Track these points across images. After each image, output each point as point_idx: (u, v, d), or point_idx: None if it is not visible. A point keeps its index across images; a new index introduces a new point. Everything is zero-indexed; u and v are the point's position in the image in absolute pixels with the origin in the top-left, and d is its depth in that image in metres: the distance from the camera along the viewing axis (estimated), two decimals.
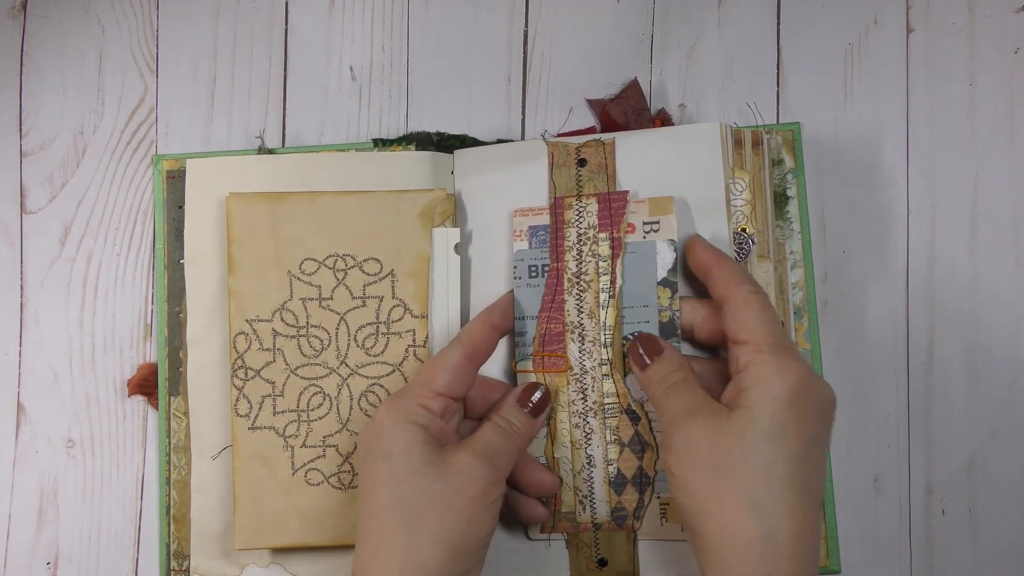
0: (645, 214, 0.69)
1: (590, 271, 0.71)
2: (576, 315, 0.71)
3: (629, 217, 0.70)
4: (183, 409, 0.76)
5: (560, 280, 0.71)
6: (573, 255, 0.71)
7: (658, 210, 0.69)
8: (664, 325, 0.69)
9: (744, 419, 0.59)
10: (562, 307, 0.71)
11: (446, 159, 0.77)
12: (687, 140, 0.72)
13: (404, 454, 0.62)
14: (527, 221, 0.72)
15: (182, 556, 0.75)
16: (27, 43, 0.82)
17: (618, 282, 0.70)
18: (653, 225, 0.69)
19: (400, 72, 0.81)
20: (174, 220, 0.77)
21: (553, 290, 0.71)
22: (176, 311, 0.77)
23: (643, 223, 0.69)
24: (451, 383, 0.65)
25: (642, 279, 0.69)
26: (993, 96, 0.77)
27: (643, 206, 0.70)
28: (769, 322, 0.62)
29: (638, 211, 0.70)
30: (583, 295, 0.71)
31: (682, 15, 0.80)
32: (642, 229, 0.69)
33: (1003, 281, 0.76)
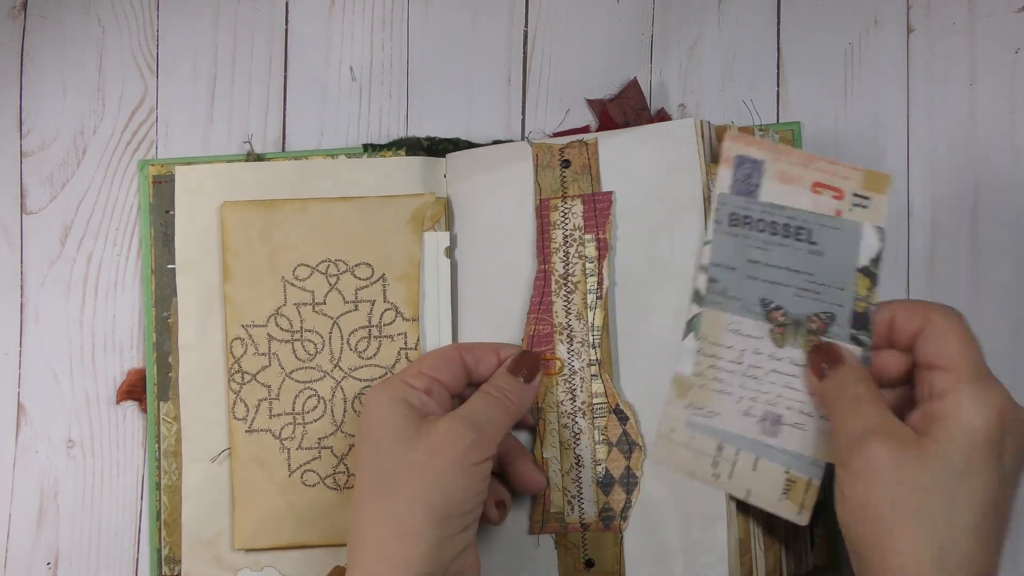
0: (859, 184, 0.63)
1: (577, 272, 0.70)
2: (564, 316, 0.70)
3: (838, 181, 0.63)
4: (173, 414, 0.75)
5: (548, 282, 0.71)
6: (560, 257, 0.71)
7: (873, 185, 0.63)
8: (858, 316, 0.63)
9: (935, 452, 0.54)
10: (550, 309, 0.70)
11: (437, 163, 0.76)
12: (665, 138, 0.71)
13: (383, 428, 0.61)
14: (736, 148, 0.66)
15: (174, 561, 0.74)
16: (27, 43, 0.81)
17: (605, 283, 0.69)
18: (863, 200, 0.63)
19: (400, 72, 0.80)
20: (161, 225, 0.76)
21: (541, 292, 0.71)
22: (164, 316, 0.76)
23: (853, 193, 0.63)
24: (437, 366, 0.64)
25: (840, 259, 0.63)
26: (993, 96, 0.76)
27: (858, 174, 0.63)
28: (971, 347, 0.57)
29: (851, 177, 0.63)
30: (571, 296, 0.70)
31: (682, 15, 0.78)
32: (850, 199, 0.63)
33: (1003, 281, 0.74)
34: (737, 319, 0.65)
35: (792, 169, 0.64)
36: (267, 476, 0.72)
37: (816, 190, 0.63)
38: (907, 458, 0.54)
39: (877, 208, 0.63)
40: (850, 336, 0.63)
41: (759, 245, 0.64)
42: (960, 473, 0.53)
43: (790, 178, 0.64)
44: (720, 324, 0.65)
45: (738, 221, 0.65)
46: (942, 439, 0.54)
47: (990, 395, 0.55)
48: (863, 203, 0.63)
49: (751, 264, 0.64)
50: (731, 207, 0.65)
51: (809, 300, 0.63)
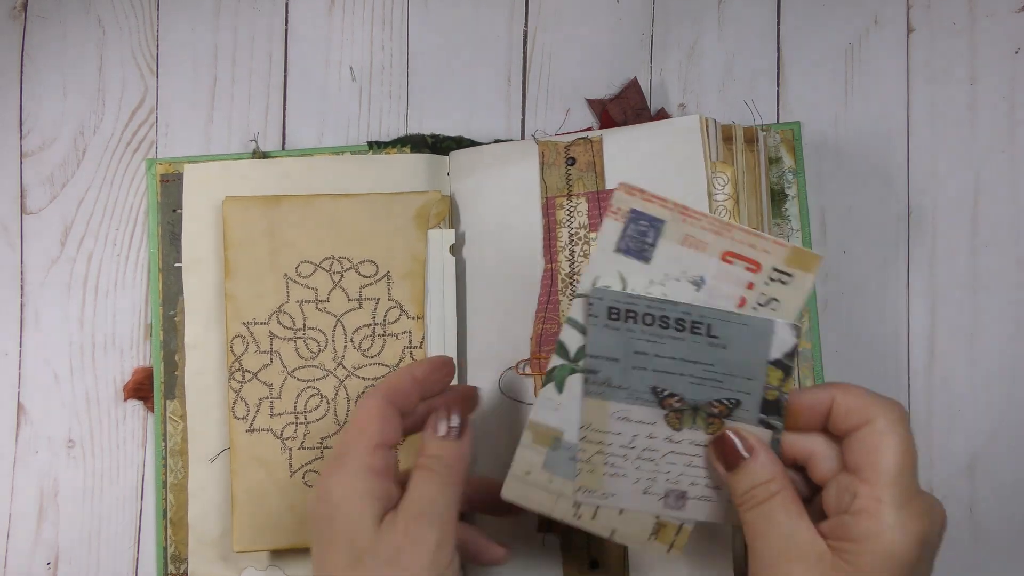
0: (781, 259, 0.55)
1: (581, 271, 0.70)
2: None
3: (757, 254, 0.55)
4: (179, 413, 0.75)
5: (554, 281, 0.70)
6: (566, 255, 0.71)
7: (799, 263, 0.55)
8: (768, 403, 0.56)
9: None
10: (557, 308, 0.70)
11: (441, 161, 0.76)
12: (669, 135, 0.71)
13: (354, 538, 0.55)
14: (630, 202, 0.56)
15: (180, 560, 0.74)
16: (28, 44, 0.81)
17: None
18: (784, 276, 0.55)
19: (400, 72, 0.79)
20: (168, 224, 0.76)
21: (548, 291, 0.70)
22: (171, 314, 0.76)
23: (773, 268, 0.55)
24: (383, 431, 0.57)
25: (747, 354, 0.56)
26: (993, 96, 0.76)
27: (782, 250, 0.55)
28: (903, 465, 0.52)
29: (773, 252, 0.55)
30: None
31: (682, 15, 0.78)
32: (768, 274, 0.55)
33: (1003, 281, 0.74)
34: (624, 407, 0.57)
35: (701, 234, 0.55)
36: (268, 476, 0.72)
37: (727, 259, 0.55)
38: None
39: (799, 286, 0.55)
40: (758, 420, 0.57)
41: (646, 338, 0.56)
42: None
43: (696, 243, 0.55)
44: (605, 413, 0.58)
45: (619, 315, 0.56)
46: (862, 566, 0.51)
47: (913, 523, 0.52)
48: (783, 279, 0.55)
49: (637, 355, 0.56)
50: (609, 302, 0.56)
51: (710, 388, 0.56)
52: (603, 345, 0.56)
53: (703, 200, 0.69)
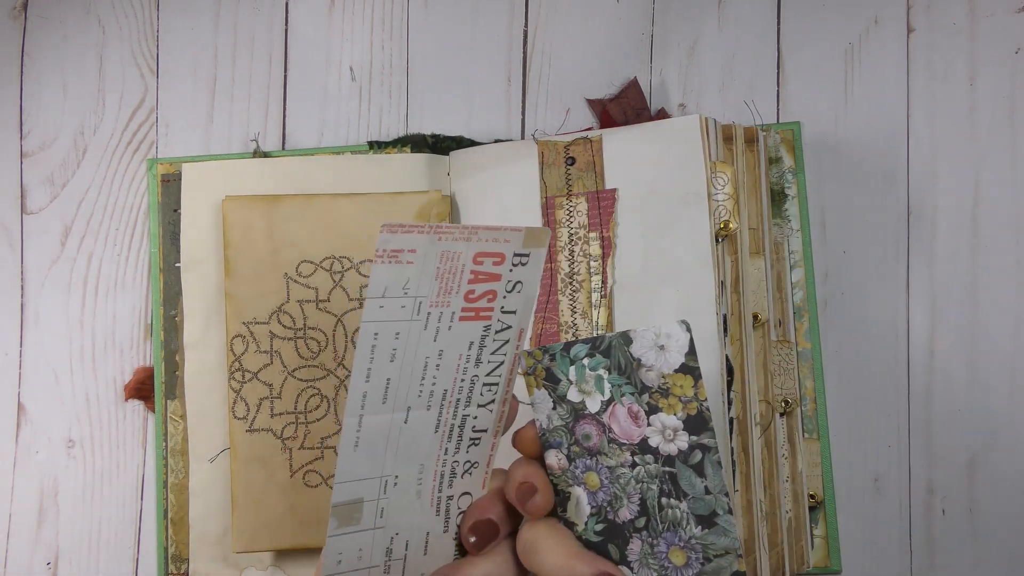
0: (519, 244, 0.55)
1: (582, 271, 0.70)
2: (570, 315, 0.70)
3: (501, 246, 0.55)
4: (180, 412, 0.75)
5: (554, 280, 0.70)
6: (565, 255, 0.71)
7: (532, 242, 0.56)
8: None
9: None
10: (556, 307, 0.70)
11: (442, 160, 0.76)
12: (669, 134, 0.71)
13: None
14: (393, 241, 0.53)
15: (180, 559, 0.74)
16: (28, 43, 0.81)
17: (609, 281, 0.69)
18: (523, 258, 0.55)
19: (400, 72, 0.79)
20: (169, 224, 0.76)
21: (547, 290, 0.70)
22: (172, 315, 0.76)
23: (514, 254, 0.55)
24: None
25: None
26: (993, 96, 0.76)
27: (518, 235, 0.55)
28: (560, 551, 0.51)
29: (511, 239, 0.55)
30: (576, 295, 0.70)
31: (682, 15, 0.78)
32: (511, 260, 0.55)
33: (1003, 281, 0.74)
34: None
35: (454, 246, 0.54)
36: (268, 476, 0.72)
37: (478, 260, 0.54)
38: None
39: (535, 262, 0.55)
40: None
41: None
42: None
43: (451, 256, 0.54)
44: None
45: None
46: None
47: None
48: (523, 261, 0.55)
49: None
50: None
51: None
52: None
53: (703, 199, 0.69)
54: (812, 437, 0.73)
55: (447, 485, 0.56)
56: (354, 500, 0.56)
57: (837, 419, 0.74)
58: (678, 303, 0.68)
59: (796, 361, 0.73)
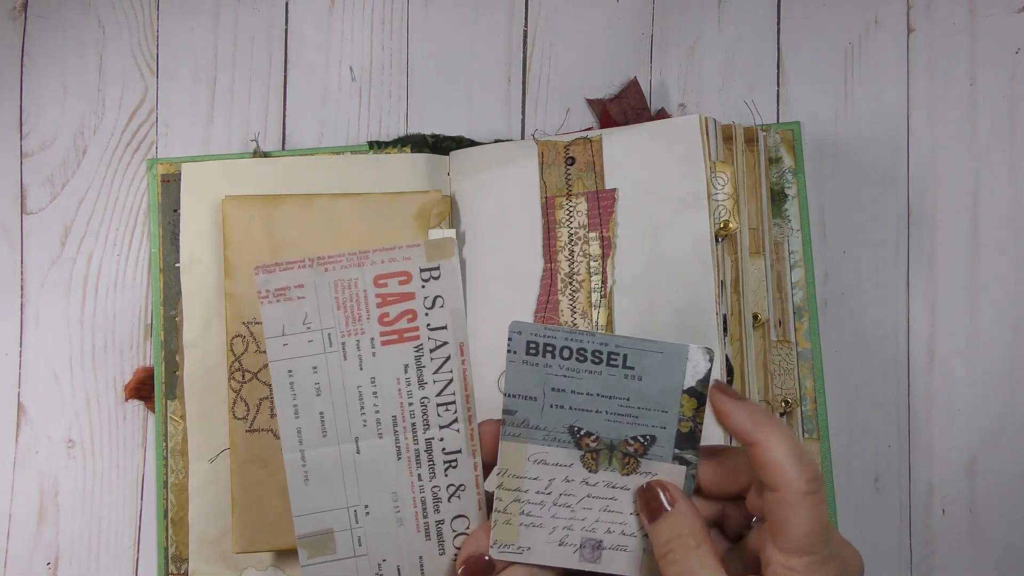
0: (422, 259, 0.55)
1: (582, 271, 0.70)
2: (570, 315, 0.70)
3: (402, 264, 0.55)
4: (180, 413, 0.74)
5: (554, 280, 0.70)
6: (565, 255, 0.70)
7: (437, 253, 0.55)
8: (683, 436, 0.56)
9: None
10: (556, 307, 0.70)
11: (442, 160, 0.76)
12: (669, 134, 0.71)
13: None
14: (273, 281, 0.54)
15: (180, 560, 0.74)
16: (28, 44, 0.80)
17: (609, 281, 0.69)
18: (432, 272, 0.55)
19: (400, 72, 0.79)
20: (169, 224, 0.76)
21: (547, 290, 0.70)
22: (172, 315, 0.76)
23: (420, 269, 0.55)
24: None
25: (663, 383, 0.55)
26: (993, 96, 0.76)
27: (418, 251, 0.55)
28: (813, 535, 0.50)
29: (412, 256, 0.55)
30: (576, 295, 0.70)
31: (682, 15, 0.78)
32: (420, 277, 0.55)
33: (1003, 281, 0.74)
34: (542, 449, 0.56)
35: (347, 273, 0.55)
36: (268, 476, 0.71)
37: (380, 283, 0.55)
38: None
39: (449, 273, 0.55)
40: (674, 456, 0.56)
41: (564, 373, 0.55)
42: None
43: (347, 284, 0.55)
44: (521, 456, 0.56)
45: (537, 350, 0.55)
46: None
47: None
48: (434, 274, 0.55)
49: (555, 392, 0.55)
50: (527, 336, 0.55)
51: (625, 424, 0.55)
52: (521, 383, 0.54)
53: (703, 199, 0.69)
54: (812, 437, 0.73)
55: (433, 511, 0.56)
56: (322, 531, 0.56)
57: (837, 419, 0.74)
58: (678, 303, 0.68)
59: (796, 361, 0.73)
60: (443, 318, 0.54)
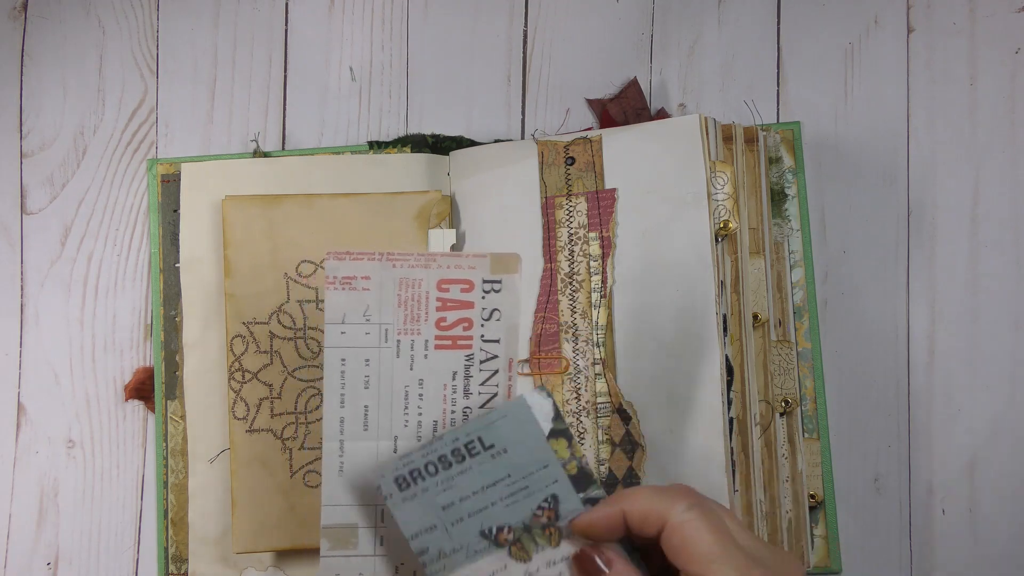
0: (486, 270, 0.56)
1: (582, 271, 0.70)
2: (570, 315, 0.70)
3: (467, 272, 0.56)
4: (180, 413, 0.74)
5: (553, 280, 0.70)
6: (565, 255, 0.70)
7: (502, 268, 0.56)
8: (575, 478, 0.55)
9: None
10: (556, 307, 0.70)
11: (442, 160, 0.76)
12: (669, 134, 0.71)
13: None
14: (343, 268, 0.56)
15: (180, 560, 0.74)
16: (28, 44, 0.80)
17: (608, 281, 0.69)
18: (494, 284, 0.56)
19: (400, 72, 0.79)
20: (169, 224, 0.76)
21: (547, 290, 0.70)
22: (172, 315, 0.76)
23: (483, 280, 0.56)
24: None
25: (528, 440, 0.55)
26: (993, 96, 0.75)
27: (484, 261, 0.56)
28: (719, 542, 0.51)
29: (477, 266, 0.56)
30: (575, 295, 0.70)
31: (682, 15, 0.78)
32: (481, 288, 0.55)
33: (1003, 281, 0.74)
34: (472, 568, 0.55)
35: (413, 273, 0.56)
36: (268, 477, 0.71)
37: (443, 287, 0.56)
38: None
39: (510, 289, 0.56)
40: (582, 501, 0.55)
41: (443, 487, 0.55)
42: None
43: (411, 283, 0.56)
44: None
45: (407, 481, 0.54)
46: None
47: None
48: (496, 287, 0.56)
49: (447, 510, 0.55)
50: (392, 475, 0.54)
51: (523, 500, 0.55)
52: (414, 520, 0.54)
53: (703, 199, 0.69)
54: (812, 437, 0.73)
55: None
56: (347, 524, 0.57)
57: (837, 419, 0.74)
58: (678, 303, 0.68)
59: (796, 361, 0.73)
60: (497, 331, 0.55)
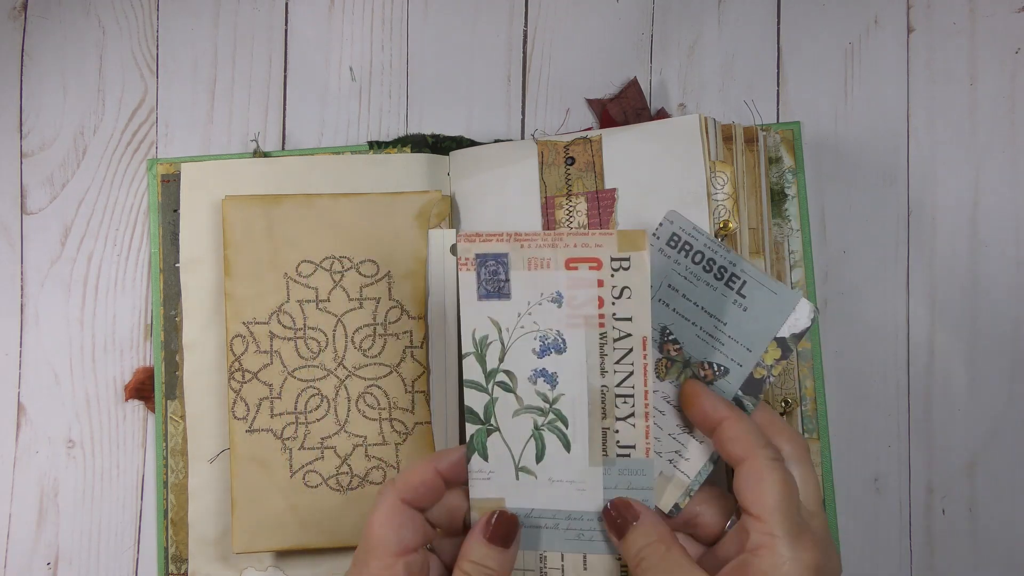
0: (614, 248, 0.56)
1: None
2: None
3: (594, 251, 0.56)
4: (180, 413, 0.74)
5: None
6: None
7: (630, 244, 0.56)
8: (752, 380, 0.58)
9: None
10: None
11: (442, 160, 0.76)
12: (669, 134, 0.71)
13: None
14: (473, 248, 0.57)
15: (180, 560, 0.74)
16: (28, 44, 0.80)
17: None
18: (624, 262, 0.55)
19: (400, 72, 0.79)
20: (169, 224, 0.76)
21: None
22: (172, 315, 0.76)
23: (611, 258, 0.56)
24: (401, 539, 0.55)
25: (762, 322, 0.58)
26: (993, 96, 0.75)
27: (611, 239, 0.56)
28: (788, 499, 0.53)
29: (604, 244, 0.56)
30: None
31: (682, 15, 0.78)
32: (610, 266, 0.55)
33: (1003, 281, 0.74)
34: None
35: (541, 252, 0.56)
36: (268, 477, 0.71)
37: (571, 266, 0.56)
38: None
39: (639, 266, 0.55)
40: (735, 396, 0.58)
41: (686, 275, 0.58)
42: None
43: (540, 263, 0.57)
44: None
45: (676, 244, 0.58)
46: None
47: (808, 555, 0.52)
48: (624, 265, 0.56)
49: (668, 289, 0.58)
50: (675, 228, 0.58)
51: (710, 347, 0.58)
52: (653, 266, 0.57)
53: (703, 199, 0.69)
54: (812, 437, 0.73)
55: None
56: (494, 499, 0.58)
57: (837, 419, 0.74)
58: None
59: (796, 361, 0.73)
60: (629, 309, 0.55)
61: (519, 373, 0.57)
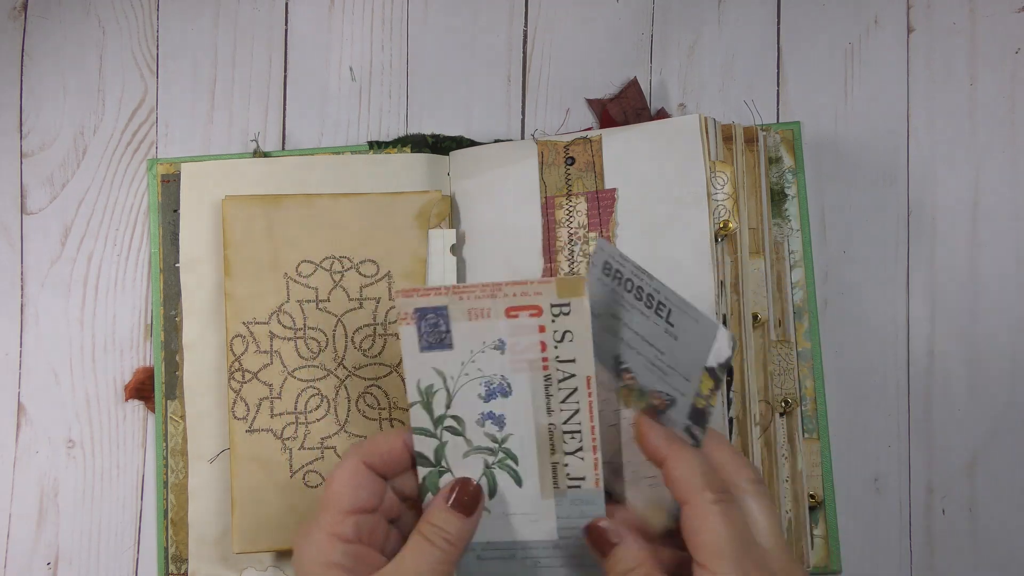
0: (553, 295, 0.55)
1: (582, 271, 0.70)
2: None
3: (533, 299, 0.56)
4: (180, 413, 0.74)
5: None
6: (565, 255, 0.71)
7: (569, 291, 0.55)
8: (696, 410, 0.58)
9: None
10: None
11: (442, 161, 0.76)
12: (669, 134, 0.71)
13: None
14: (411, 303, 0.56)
15: (180, 560, 0.74)
16: (28, 44, 0.80)
17: None
18: (563, 308, 0.55)
19: (400, 72, 0.79)
20: (169, 224, 0.76)
21: None
22: (172, 315, 0.75)
23: (552, 305, 0.55)
24: (356, 497, 0.56)
25: (691, 351, 0.57)
26: (993, 96, 0.76)
27: (550, 287, 0.55)
28: (731, 541, 0.51)
29: (544, 292, 0.55)
30: None
31: (682, 15, 0.78)
32: (550, 312, 0.55)
33: (1003, 281, 0.74)
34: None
35: (480, 303, 0.56)
36: (268, 477, 0.71)
37: (512, 314, 0.56)
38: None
39: (579, 311, 0.55)
40: (685, 427, 0.58)
41: (623, 303, 0.57)
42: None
43: (480, 313, 0.56)
44: None
45: (609, 272, 0.57)
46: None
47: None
48: (564, 310, 0.55)
49: (613, 319, 0.58)
50: (605, 256, 0.56)
51: (656, 377, 0.58)
52: (595, 295, 0.56)
53: (703, 199, 0.69)
54: (812, 437, 0.73)
55: None
56: None
57: (837, 419, 0.74)
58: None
59: (796, 361, 0.73)
60: (572, 352, 0.55)
61: (467, 417, 0.57)
